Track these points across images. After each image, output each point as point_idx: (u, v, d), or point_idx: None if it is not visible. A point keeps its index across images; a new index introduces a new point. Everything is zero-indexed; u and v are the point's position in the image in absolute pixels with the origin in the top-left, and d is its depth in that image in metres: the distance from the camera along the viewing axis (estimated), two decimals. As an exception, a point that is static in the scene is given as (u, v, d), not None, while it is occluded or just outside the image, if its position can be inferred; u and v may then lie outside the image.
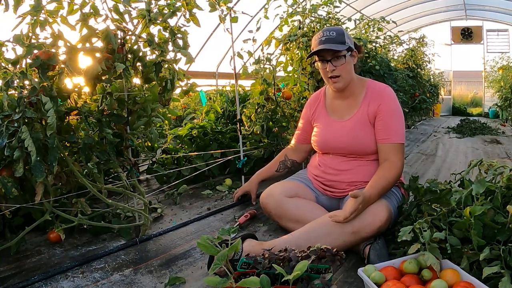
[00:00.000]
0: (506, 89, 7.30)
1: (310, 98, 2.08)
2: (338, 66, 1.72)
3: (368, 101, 1.78)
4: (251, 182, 2.22)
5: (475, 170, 1.60)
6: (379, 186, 1.59)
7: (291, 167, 2.16)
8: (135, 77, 1.67)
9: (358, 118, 1.78)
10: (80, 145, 1.49)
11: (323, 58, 1.74)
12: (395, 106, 1.76)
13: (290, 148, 2.18)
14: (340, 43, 1.69)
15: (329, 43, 1.68)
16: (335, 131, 1.84)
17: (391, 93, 1.79)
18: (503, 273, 1.11)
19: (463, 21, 9.98)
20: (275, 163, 2.18)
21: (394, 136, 1.71)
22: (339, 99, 1.87)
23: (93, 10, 1.50)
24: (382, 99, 1.76)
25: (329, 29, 1.74)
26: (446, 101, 10.58)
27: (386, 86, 1.83)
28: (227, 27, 2.26)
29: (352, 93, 1.83)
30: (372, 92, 1.79)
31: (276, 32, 3.05)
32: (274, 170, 2.17)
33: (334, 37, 1.69)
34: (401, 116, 1.77)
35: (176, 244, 1.77)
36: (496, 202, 1.28)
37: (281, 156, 2.18)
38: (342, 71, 1.74)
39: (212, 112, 3.59)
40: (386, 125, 1.73)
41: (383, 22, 4.52)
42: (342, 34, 1.72)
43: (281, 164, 2.16)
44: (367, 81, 1.85)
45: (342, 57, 1.71)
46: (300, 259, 1.22)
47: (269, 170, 2.19)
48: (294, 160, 2.15)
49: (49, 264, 1.56)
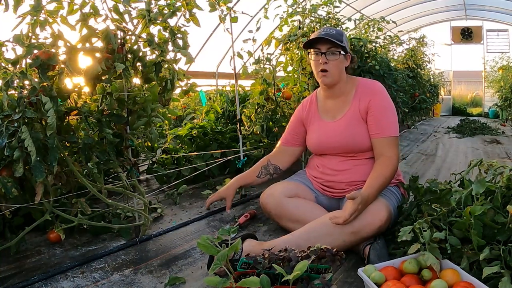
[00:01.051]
0: (506, 89, 7.31)
1: (302, 102, 2.05)
2: (331, 60, 1.74)
3: (358, 98, 1.79)
4: (229, 188, 1.97)
5: (475, 170, 1.61)
6: (376, 184, 1.59)
7: (273, 174, 2.01)
8: (135, 77, 1.67)
9: (351, 115, 1.79)
10: (80, 145, 1.49)
11: (318, 50, 1.76)
12: (385, 100, 1.77)
13: (275, 152, 2.06)
14: (338, 40, 1.72)
15: (327, 36, 1.72)
16: (328, 132, 1.84)
17: (380, 87, 1.80)
18: (503, 273, 1.11)
19: (463, 21, 9.98)
20: (257, 168, 2.02)
21: (387, 130, 1.71)
22: (331, 99, 1.88)
23: (93, 10, 1.50)
24: (372, 94, 1.77)
25: (330, 27, 1.79)
26: (446, 101, 10.58)
27: (376, 81, 1.85)
28: (227, 27, 2.26)
29: (343, 92, 1.84)
30: (362, 89, 1.81)
31: (276, 32, 3.05)
32: (255, 176, 2.01)
33: (333, 34, 1.74)
34: (393, 110, 1.78)
35: (176, 244, 1.77)
36: (496, 202, 1.28)
37: (263, 161, 2.04)
38: (333, 67, 1.75)
39: (212, 112, 3.59)
40: (378, 119, 1.73)
41: (383, 22, 4.52)
42: (341, 35, 1.76)
43: (263, 169, 2.01)
44: (357, 79, 1.87)
45: (336, 53, 1.74)
46: (300, 259, 1.22)
47: (250, 175, 2.02)
48: (277, 166, 2.00)
49: (49, 264, 1.56)
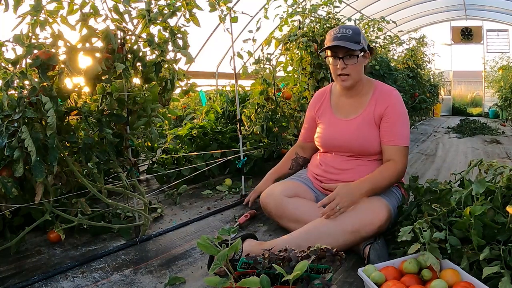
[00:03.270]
0: (506, 89, 7.30)
1: (315, 95, 2.06)
2: (350, 65, 1.71)
3: (375, 102, 1.77)
4: (266, 183, 2.10)
5: (475, 170, 1.61)
6: (374, 179, 1.63)
7: (302, 165, 2.14)
8: (135, 77, 1.67)
9: (364, 118, 1.78)
10: (80, 145, 1.49)
11: (335, 55, 1.73)
12: (401, 109, 1.76)
13: (299, 146, 2.16)
14: (355, 43, 1.67)
15: (344, 41, 1.66)
16: (339, 129, 1.83)
17: (398, 96, 1.79)
18: (503, 273, 1.11)
19: (463, 21, 9.98)
20: (287, 161, 2.16)
21: (399, 139, 1.71)
22: (346, 97, 1.87)
23: (93, 10, 1.50)
24: (389, 101, 1.75)
25: (346, 27, 1.71)
26: (446, 101, 10.57)
27: (394, 89, 1.83)
28: (227, 27, 2.26)
29: (359, 92, 1.82)
30: (380, 93, 1.79)
31: (276, 32, 3.06)
32: (288, 168, 2.15)
33: (350, 36, 1.67)
34: (407, 120, 1.77)
35: (176, 244, 1.77)
36: (496, 202, 1.28)
37: (291, 154, 2.16)
38: (352, 71, 1.73)
39: (212, 112, 3.59)
40: (392, 127, 1.72)
41: (383, 22, 4.52)
42: (358, 33, 1.70)
43: (294, 162, 2.14)
44: (375, 82, 1.85)
45: (354, 57, 1.70)
46: (300, 259, 1.22)
47: (282, 169, 2.16)
48: (305, 157, 2.13)
49: (49, 264, 1.56)
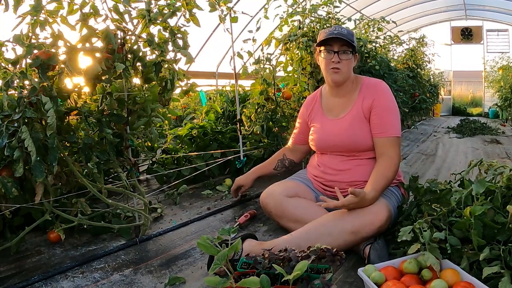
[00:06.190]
0: (506, 89, 7.30)
1: (306, 99, 2.10)
2: (343, 60, 1.76)
3: (362, 96, 1.79)
4: (247, 177, 2.20)
5: (475, 170, 1.61)
6: (379, 187, 1.59)
7: (288, 167, 2.17)
8: (135, 77, 1.67)
9: (354, 114, 1.79)
10: (80, 145, 1.49)
11: (330, 49, 1.76)
12: (389, 100, 1.77)
13: (288, 148, 2.18)
14: (350, 40, 1.74)
15: (341, 35, 1.73)
16: (331, 129, 1.85)
17: (385, 87, 1.81)
18: (503, 273, 1.11)
19: (463, 21, 9.98)
20: (273, 161, 2.18)
21: (389, 129, 1.72)
22: (335, 97, 1.89)
23: (93, 10, 1.49)
24: (376, 93, 1.77)
25: (340, 27, 1.80)
26: (446, 101, 10.57)
27: (381, 81, 1.85)
28: (227, 27, 2.27)
29: (348, 91, 1.85)
30: (367, 87, 1.81)
31: (276, 32, 3.05)
32: (272, 168, 2.18)
33: (345, 34, 1.75)
34: (396, 110, 1.78)
35: (176, 244, 1.77)
36: (496, 202, 1.28)
37: (279, 154, 2.18)
38: (344, 66, 1.77)
39: (212, 112, 3.59)
40: (381, 119, 1.74)
41: (383, 22, 4.52)
42: (352, 35, 1.78)
43: (279, 163, 2.16)
44: (363, 78, 1.88)
45: (348, 53, 1.76)
46: (300, 259, 1.22)
47: (267, 167, 2.19)
48: (292, 160, 2.15)
49: (49, 264, 1.56)
